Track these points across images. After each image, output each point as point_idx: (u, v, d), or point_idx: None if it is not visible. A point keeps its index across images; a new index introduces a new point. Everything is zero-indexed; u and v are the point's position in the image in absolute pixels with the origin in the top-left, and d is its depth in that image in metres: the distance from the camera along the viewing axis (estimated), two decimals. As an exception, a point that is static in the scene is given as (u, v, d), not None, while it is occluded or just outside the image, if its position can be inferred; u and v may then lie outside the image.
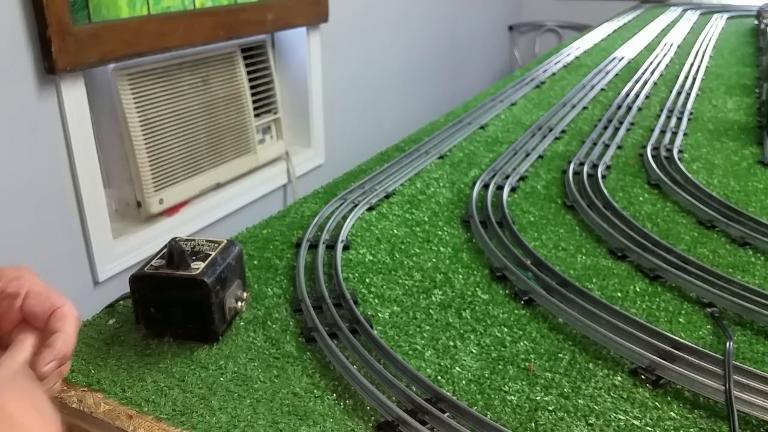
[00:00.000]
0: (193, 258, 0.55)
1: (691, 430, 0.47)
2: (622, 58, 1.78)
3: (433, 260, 0.71)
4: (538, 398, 0.50)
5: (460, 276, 0.68)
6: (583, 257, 0.71)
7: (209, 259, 0.55)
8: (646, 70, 1.61)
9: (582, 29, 2.83)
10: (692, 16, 2.56)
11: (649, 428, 0.47)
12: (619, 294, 0.64)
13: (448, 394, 0.49)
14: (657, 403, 0.49)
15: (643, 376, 0.52)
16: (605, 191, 0.86)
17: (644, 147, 1.04)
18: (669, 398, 0.50)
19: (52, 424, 0.35)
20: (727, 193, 0.88)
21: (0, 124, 1.24)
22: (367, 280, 0.67)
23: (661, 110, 1.25)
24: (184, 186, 1.72)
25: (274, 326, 0.59)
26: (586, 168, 0.94)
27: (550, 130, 1.14)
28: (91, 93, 1.45)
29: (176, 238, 0.58)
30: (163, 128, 1.63)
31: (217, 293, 0.54)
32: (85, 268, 1.47)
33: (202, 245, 0.57)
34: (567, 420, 0.48)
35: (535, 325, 0.59)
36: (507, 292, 0.65)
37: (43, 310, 0.41)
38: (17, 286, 0.42)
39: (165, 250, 0.55)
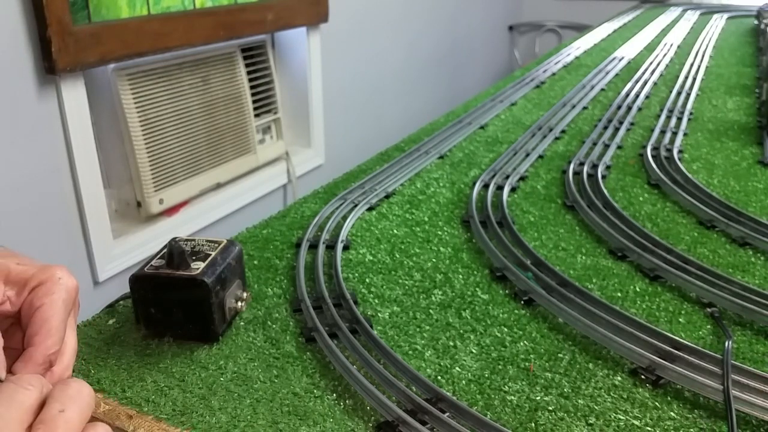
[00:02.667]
0: (193, 258, 0.55)
1: (691, 430, 0.47)
2: (622, 58, 1.78)
3: (433, 260, 0.71)
4: (538, 398, 0.50)
5: (460, 276, 0.68)
6: (583, 257, 0.71)
7: (209, 259, 0.55)
8: (646, 70, 1.61)
9: (582, 29, 2.83)
10: (692, 16, 2.56)
11: (649, 428, 0.47)
12: (619, 294, 0.64)
13: (448, 394, 0.49)
14: (657, 403, 0.50)
15: (643, 376, 0.52)
16: (605, 191, 0.86)
17: (644, 147, 1.04)
18: (669, 398, 0.50)
19: None
20: (727, 193, 0.88)
21: (0, 124, 1.24)
22: (367, 280, 0.67)
23: (661, 110, 1.25)
24: (184, 186, 1.72)
25: (274, 326, 0.59)
26: (586, 168, 0.94)
27: (550, 130, 1.13)
28: (91, 93, 1.45)
29: (176, 238, 0.58)
30: (163, 128, 1.63)
31: (217, 293, 0.54)
32: (85, 268, 1.47)
33: (202, 245, 0.57)
34: (567, 420, 0.48)
35: (535, 325, 0.59)
36: (507, 292, 0.65)
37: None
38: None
39: (165, 250, 0.55)
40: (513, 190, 0.89)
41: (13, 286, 0.39)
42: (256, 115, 1.97)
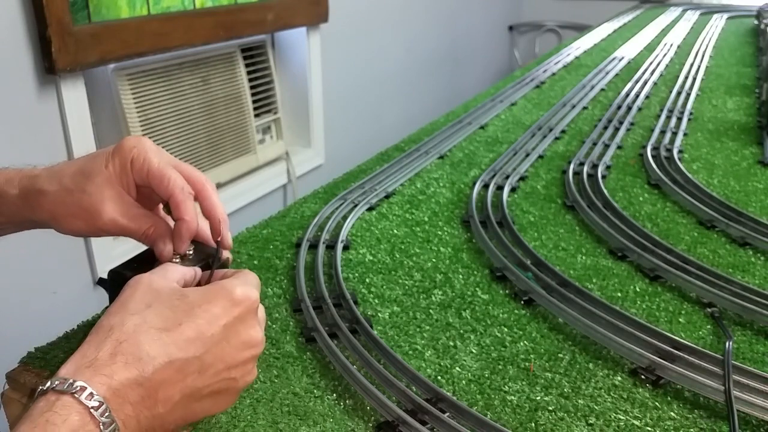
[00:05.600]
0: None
1: (691, 430, 0.47)
2: (622, 58, 1.78)
3: (433, 260, 0.71)
4: (538, 398, 0.50)
5: (460, 276, 0.68)
6: (583, 257, 0.71)
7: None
8: (646, 70, 1.61)
9: (582, 29, 2.83)
10: (692, 16, 2.56)
11: (649, 428, 0.47)
12: (619, 294, 0.64)
13: (448, 394, 0.49)
14: (657, 403, 0.50)
15: (643, 376, 0.52)
16: (605, 191, 0.86)
17: (644, 147, 1.04)
18: (669, 398, 0.50)
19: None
20: (727, 193, 0.88)
21: (0, 124, 1.24)
22: (367, 280, 0.67)
23: (661, 110, 1.25)
24: (184, 186, 1.72)
25: (274, 326, 0.59)
26: (586, 168, 0.94)
27: (550, 130, 1.13)
28: (91, 93, 1.45)
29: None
30: (163, 128, 1.63)
31: None
32: (85, 268, 1.47)
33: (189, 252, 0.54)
34: (567, 420, 0.48)
35: (535, 325, 0.59)
36: (507, 292, 0.65)
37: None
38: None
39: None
40: (513, 190, 0.89)
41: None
42: (256, 115, 1.97)
